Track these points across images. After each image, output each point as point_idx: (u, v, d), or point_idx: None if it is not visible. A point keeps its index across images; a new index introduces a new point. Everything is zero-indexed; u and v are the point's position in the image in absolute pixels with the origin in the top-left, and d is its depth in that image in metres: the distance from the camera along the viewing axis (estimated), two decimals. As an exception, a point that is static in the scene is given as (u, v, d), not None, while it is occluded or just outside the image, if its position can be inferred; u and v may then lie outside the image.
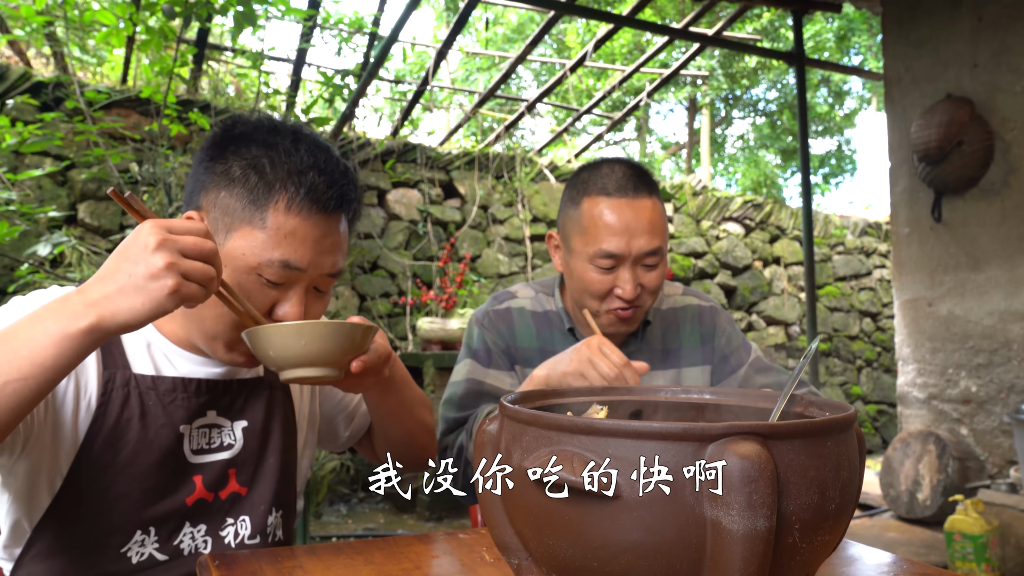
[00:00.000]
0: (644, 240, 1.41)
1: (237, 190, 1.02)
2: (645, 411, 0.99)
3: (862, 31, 12.93)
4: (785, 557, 0.66)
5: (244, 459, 1.15)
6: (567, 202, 1.50)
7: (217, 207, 1.03)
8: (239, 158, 1.04)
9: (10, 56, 4.89)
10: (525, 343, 1.56)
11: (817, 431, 0.68)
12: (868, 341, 7.51)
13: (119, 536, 1.04)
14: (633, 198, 1.42)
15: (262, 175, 1.02)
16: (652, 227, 1.42)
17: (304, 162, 1.03)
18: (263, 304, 1.03)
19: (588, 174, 1.48)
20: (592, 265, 1.43)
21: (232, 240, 1.02)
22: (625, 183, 1.43)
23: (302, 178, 1.02)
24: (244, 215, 1.02)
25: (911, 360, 4.13)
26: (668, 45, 5.63)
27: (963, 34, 3.82)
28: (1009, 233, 3.66)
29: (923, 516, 3.77)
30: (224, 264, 1.00)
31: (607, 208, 1.41)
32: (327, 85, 4.68)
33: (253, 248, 1.01)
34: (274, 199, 1.01)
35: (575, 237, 1.46)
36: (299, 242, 1.02)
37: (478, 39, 13.15)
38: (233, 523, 1.14)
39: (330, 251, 1.06)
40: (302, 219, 1.02)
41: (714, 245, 6.82)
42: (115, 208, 4.35)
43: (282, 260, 1.01)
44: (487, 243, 5.76)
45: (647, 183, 1.45)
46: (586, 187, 1.46)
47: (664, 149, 17.09)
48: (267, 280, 1.02)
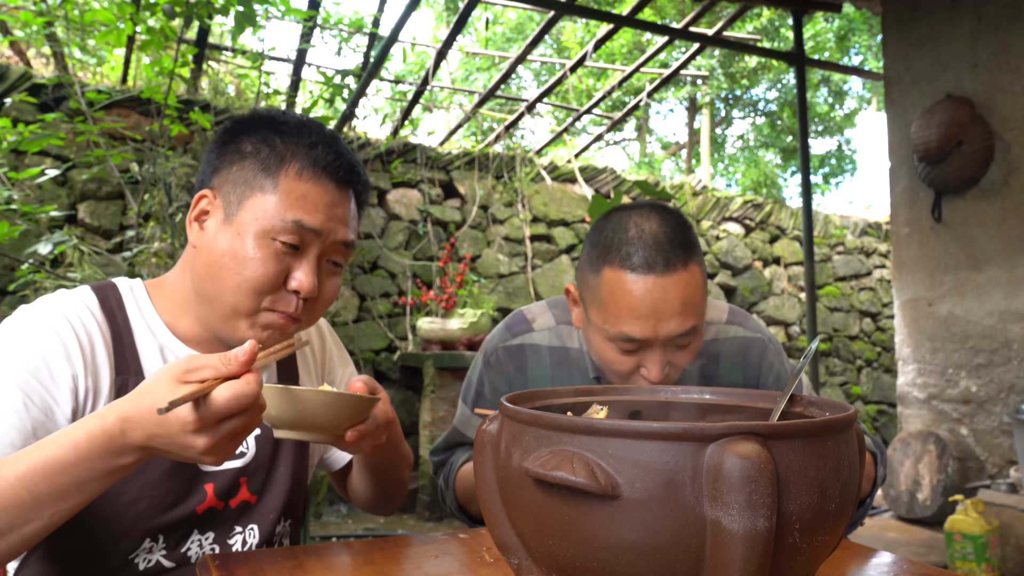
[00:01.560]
0: (675, 323, 1.17)
1: (248, 162, 1.06)
2: (645, 411, 0.99)
3: (862, 31, 12.92)
4: (785, 557, 0.66)
5: (256, 467, 1.14)
6: (585, 262, 1.26)
7: (229, 182, 1.06)
8: (246, 139, 1.08)
9: (10, 56, 4.89)
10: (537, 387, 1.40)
11: (817, 431, 0.68)
12: (868, 341, 7.51)
13: (127, 542, 1.03)
14: (663, 274, 1.16)
15: (273, 147, 1.06)
16: (685, 307, 1.17)
17: (312, 137, 1.07)
18: (278, 274, 1.03)
19: (612, 231, 1.22)
20: (613, 344, 1.22)
21: (244, 208, 1.04)
22: (654, 256, 1.16)
23: (312, 149, 1.06)
24: (256, 183, 1.04)
25: (911, 360, 4.13)
26: (668, 45, 5.63)
27: (963, 34, 3.82)
28: (1009, 233, 3.66)
29: (923, 516, 3.77)
30: (239, 234, 1.03)
31: (632, 286, 1.17)
32: (327, 85, 4.68)
33: (266, 212, 1.03)
34: (285, 166, 1.05)
35: (593, 308, 1.24)
36: (311, 205, 1.04)
37: (478, 39, 13.15)
38: (241, 531, 1.13)
39: (342, 220, 1.08)
40: (313, 184, 1.05)
41: (714, 245, 6.82)
42: (115, 208, 4.35)
43: (295, 220, 1.03)
44: (487, 243, 5.76)
45: (683, 248, 1.19)
46: (607, 253, 1.20)
47: (664, 149, 17.08)
48: (282, 244, 1.02)
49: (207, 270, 1.04)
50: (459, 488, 1.42)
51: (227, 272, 1.02)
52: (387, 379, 5.15)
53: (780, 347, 1.46)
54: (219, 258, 1.03)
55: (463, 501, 1.43)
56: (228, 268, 1.02)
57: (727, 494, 0.62)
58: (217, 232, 1.05)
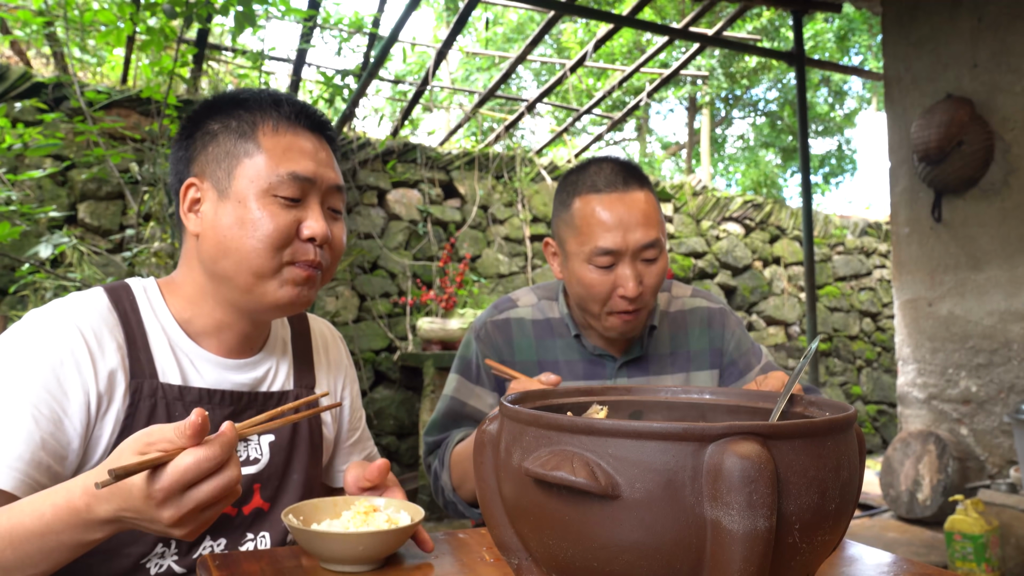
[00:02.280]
0: (640, 233, 1.38)
1: (222, 137, 1.07)
2: (645, 411, 0.99)
3: (862, 31, 12.93)
4: (785, 557, 0.66)
5: (269, 474, 1.14)
6: (559, 206, 1.48)
7: (210, 163, 1.07)
8: (210, 121, 1.09)
9: (10, 56, 4.89)
10: (523, 356, 1.53)
11: (817, 431, 0.68)
12: (868, 341, 7.51)
13: (139, 546, 1.03)
14: (624, 192, 1.39)
15: (241, 116, 1.08)
16: (647, 219, 1.39)
17: (275, 95, 1.11)
18: (289, 225, 1.05)
19: (576, 175, 1.46)
20: (590, 265, 1.39)
21: (238, 177, 1.05)
22: (614, 178, 1.41)
23: (277, 107, 1.09)
24: (238, 150, 1.06)
25: (911, 360, 4.13)
26: (668, 45, 5.63)
27: (963, 34, 3.82)
28: (1009, 233, 3.66)
29: (923, 516, 3.77)
30: (239, 201, 1.04)
31: (599, 205, 1.39)
32: (327, 85, 4.67)
33: (259, 172, 1.04)
34: (260, 126, 1.07)
35: (570, 239, 1.43)
36: (298, 154, 1.07)
37: (478, 39, 13.15)
38: (253, 538, 1.12)
39: (328, 164, 1.11)
40: (292, 135, 1.08)
41: (714, 245, 6.82)
42: (115, 208, 4.35)
43: (290, 172, 1.05)
44: (487, 243, 5.77)
45: (637, 176, 1.43)
46: (575, 187, 1.44)
47: (664, 149, 17.09)
48: (283, 199, 1.04)
49: (218, 248, 1.05)
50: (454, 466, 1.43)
51: (239, 241, 1.03)
52: (387, 379, 5.15)
53: (740, 320, 1.65)
54: (227, 232, 1.04)
55: (457, 482, 1.43)
56: (239, 237, 1.03)
57: (727, 494, 0.62)
58: (216, 210, 1.05)
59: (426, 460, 1.55)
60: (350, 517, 0.99)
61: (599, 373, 1.52)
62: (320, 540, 0.92)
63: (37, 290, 3.50)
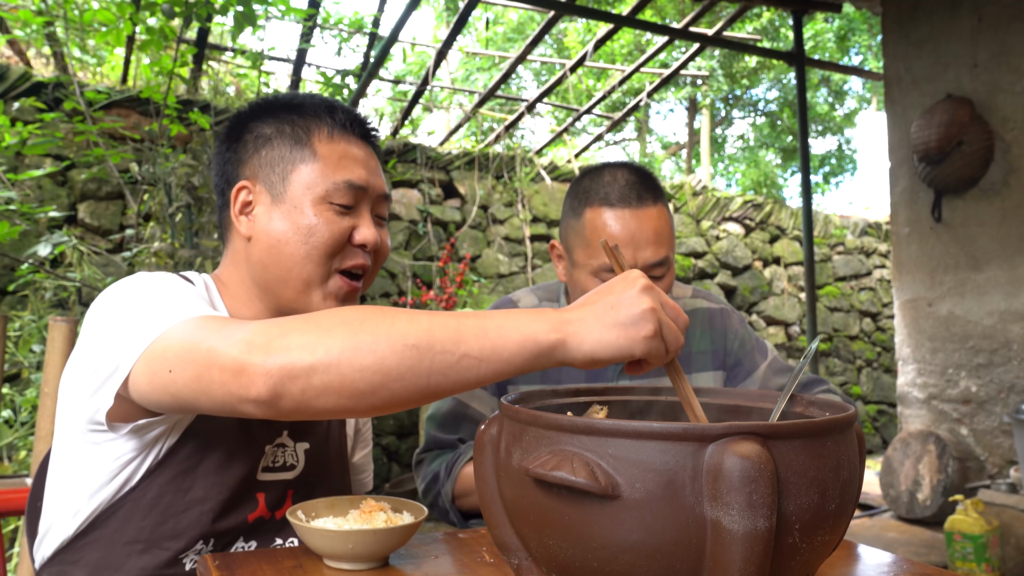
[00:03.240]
0: (650, 251, 1.35)
1: (276, 141, 1.09)
2: (645, 411, 0.99)
3: (862, 31, 12.93)
4: (785, 557, 0.66)
5: (303, 481, 1.16)
6: (568, 212, 1.45)
7: (263, 167, 1.09)
8: (263, 124, 1.11)
9: (10, 56, 4.89)
10: None
11: (817, 431, 0.68)
12: (868, 341, 7.51)
13: (180, 541, 1.04)
14: (637, 207, 1.36)
15: (295, 122, 1.09)
16: (658, 237, 1.36)
17: (329, 102, 1.12)
18: (343, 232, 1.06)
19: (589, 182, 1.42)
20: (597, 279, 1.37)
21: (293, 183, 1.07)
22: (628, 192, 1.37)
23: (330, 114, 1.11)
24: (293, 156, 1.07)
25: (911, 360, 4.13)
26: (668, 45, 5.63)
27: (963, 34, 3.82)
28: (1009, 233, 3.66)
29: (923, 516, 3.77)
30: (294, 207, 1.05)
31: (611, 219, 1.36)
32: (327, 85, 4.67)
33: (315, 179, 1.06)
34: (315, 133, 1.08)
35: (578, 249, 1.41)
36: (352, 162, 1.09)
37: (478, 39, 13.15)
38: (282, 543, 1.14)
39: (376, 172, 1.13)
40: (346, 142, 1.10)
41: (714, 245, 6.82)
42: (115, 208, 4.35)
43: (346, 181, 1.07)
44: (487, 243, 5.77)
45: (652, 189, 1.39)
46: (587, 196, 1.40)
47: (664, 149, 17.09)
48: (338, 206, 1.06)
49: (270, 253, 1.06)
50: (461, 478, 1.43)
51: (293, 247, 1.04)
52: (387, 379, 5.15)
53: (743, 318, 1.61)
54: (281, 236, 1.05)
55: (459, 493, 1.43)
56: (293, 242, 1.04)
57: (727, 494, 0.62)
58: (271, 215, 1.07)
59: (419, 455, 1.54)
60: (355, 516, 1.00)
61: (600, 375, 1.51)
62: (316, 536, 0.94)
63: (37, 290, 3.50)
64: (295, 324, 0.81)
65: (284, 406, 0.79)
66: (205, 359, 0.83)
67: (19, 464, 3.19)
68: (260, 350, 0.79)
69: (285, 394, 0.78)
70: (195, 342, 0.85)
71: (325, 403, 0.79)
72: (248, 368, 0.79)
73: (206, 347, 0.83)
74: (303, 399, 0.79)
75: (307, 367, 0.78)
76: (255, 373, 0.78)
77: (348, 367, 0.78)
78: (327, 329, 0.79)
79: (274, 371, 0.78)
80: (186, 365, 0.85)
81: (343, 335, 0.78)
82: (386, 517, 1.01)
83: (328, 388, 0.78)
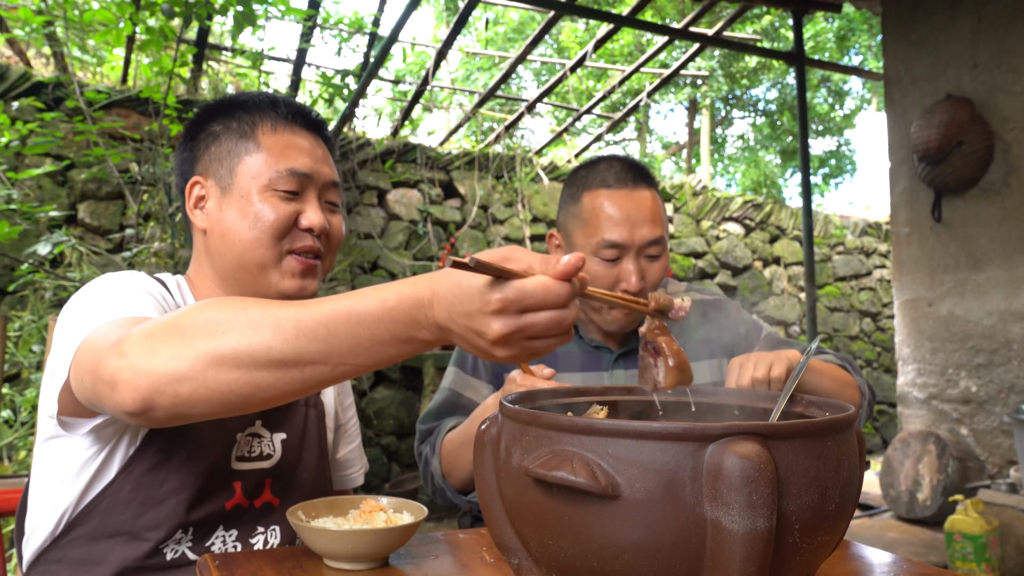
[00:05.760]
0: (646, 230, 1.43)
1: (224, 137, 1.15)
2: (645, 411, 0.99)
3: (862, 31, 12.92)
4: (785, 557, 0.66)
5: (280, 471, 1.18)
6: (567, 199, 1.53)
7: (213, 161, 1.15)
8: (213, 123, 1.17)
9: (10, 56, 4.89)
10: None
11: (817, 431, 0.68)
12: (868, 341, 7.51)
13: (159, 531, 1.06)
14: (633, 189, 1.45)
15: (241, 118, 1.15)
16: (653, 216, 1.45)
17: (272, 97, 1.18)
18: (288, 216, 1.11)
19: (586, 171, 1.51)
20: (596, 258, 1.44)
21: (239, 174, 1.12)
22: (624, 175, 1.47)
23: (275, 108, 1.16)
24: (239, 149, 1.13)
25: (911, 360, 4.13)
26: (668, 45, 5.63)
27: (963, 34, 3.82)
28: (1009, 233, 3.65)
29: (923, 516, 3.77)
30: (241, 196, 1.11)
31: (608, 200, 1.44)
32: (327, 85, 4.67)
33: (259, 168, 1.11)
34: (259, 126, 1.14)
35: (577, 231, 1.48)
36: (295, 151, 1.14)
37: (478, 39, 13.14)
38: (263, 532, 1.16)
39: (324, 161, 1.18)
40: (289, 134, 1.15)
41: (714, 245, 6.82)
42: (115, 208, 4.35)
43: (289, 168, 1.12)
44: (487, 243, 5.76)
45: (645, 176, 1.49)
46: (585, 182, 1.49)
47: (664, 149, 17.09)
48: (283, 192, 1.11)
49: (223, 241, 1.12)
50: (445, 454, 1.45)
51: (242, 232, 1.10)
52: (387, 379, 5.15)
53: (738, 304, 1.67)
54: (231, 224, 1.11)
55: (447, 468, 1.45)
56: (242, 229, 1.10)
57: (727, 494, 0.62)
58: (220, 206, 1.12)
59: (418, 448, 1.58)
60: (355, 516, 1.01)
61: (596, 364, 1.55)
62: (316, 536, 0.95)
63: (37, 290, 3.49)
64: (162, 332, 0.82)
65: (157, 416, 0.81)
66: (94, 370, 0.86)
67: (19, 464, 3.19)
68: (129, 365, 0.81)
69: (156, 406, 0.80)
70: (94, 351, 0.88)
71: (199, 411, 0.81)
72: (119, 383, 0.81)
73: (96, 358, 0.86)
74: (175, 409, 0.81)
75: (173, 379, 0.79)
76: (125, 389, 0.80)
77: (214, 380, 0.79)
78: (191, 339, 0.80)
79: (141, 386, 0.80)
80: (85, 374, 0.88)
81: (206, 344, 0.79)
82: (386, 517, 1.01)
83: (196, 398, 0.80)
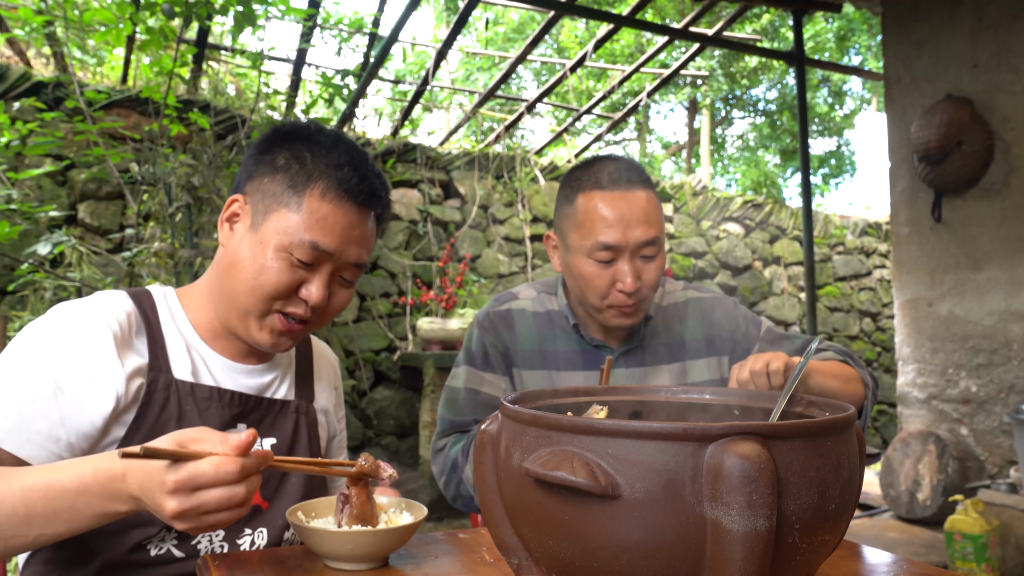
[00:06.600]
0: (641, 230, 1.41)
1: (279, 176, 1.13)
2: (645, 411, 0.99)
3: (862, 31, 12.92)
4: (785, 557, 0.66)
5: (269, 475, 1.18)
6: (562, 200, 1.52)
7: (259, 191, 1.13)
8: (285, 150, 1.14)
9: (10, 56, 4.89)
10: (525, 344, 1.57)
11: (817, 431, 0.68)
12: (868, 341, 7.51)
13: (143, 529, 1.07)
14: (627, 190, 1.43)
15: (303, 165, 1.12)
16: (648, 217, 1.43)
17: (341, 158, 1.14)
18: (290, 284, 1.11)
19: (581, 172, 1.49)
20: (591, 259, 1.43)
21: (269, 221, 1.11)
22: (618, 176, 1.45)
23: (338, 171, 1.12)
24: (283, 198, 1.11)
25: (911, 360, 4.13)
26: (668, 45, 5.63)
27: (963, 34, 3.82)
28: (1009, 233, 3.65)
29: (923, 516, 3.77)
30: (261, 242, 1.10)
31: (602, 201, 1.42)
32: (327, 85, 4.67)
33: (288, 228, 1.09)
34: (311, 186, 1.11)
35: (572, 233, 1.47)
36: (329, 228, 1.11)
37: (478, 39, 13.14)
38: (251, 533, 1.16)
39: (357, 242, 1.15)
40: (334, 207, 1.11)
41: (714, 245, 6.82)
42: (115, 208, 4.35)
43: (312, 242, 1.09)
44: (487, 243, 5.76)
45: (640, 176, 1.47)
46: (580, 183, 1.47)
47: (664, 149, 17.08)
48: (297, 260, 1.10)
49: (228, 270, 1.12)
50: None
51: (245, 275, 1.10)
52: (387, 379, 5.15)
53: (736, 301, 1.67)
54: (240, 261, 1.11)
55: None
56: (247, 272, 1.10)
57: (727, 494, 0.62)
58: (243, 237, 1.12)
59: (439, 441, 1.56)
60: None
61: (597, 363, 1.54)
62: (316, 536, 0.95)
63: (37, 290, 3.49)
64: None
65: None
66: None
67: (19, 464, 3.18)
68: None
69: None
70: None
71: None
72: None
73: None
74: None
75: None
76: None
77: None
78: None
79: None
80: None
81: None
82: (386, 517, 1.01)
83: None
